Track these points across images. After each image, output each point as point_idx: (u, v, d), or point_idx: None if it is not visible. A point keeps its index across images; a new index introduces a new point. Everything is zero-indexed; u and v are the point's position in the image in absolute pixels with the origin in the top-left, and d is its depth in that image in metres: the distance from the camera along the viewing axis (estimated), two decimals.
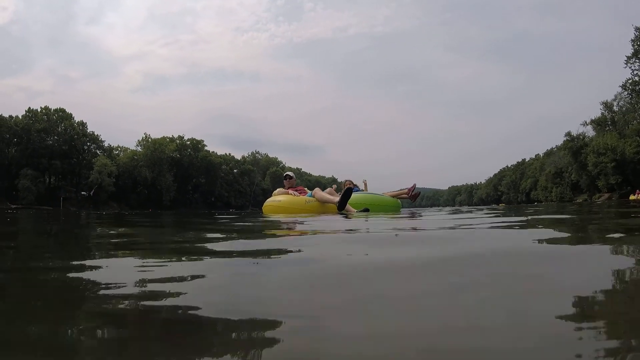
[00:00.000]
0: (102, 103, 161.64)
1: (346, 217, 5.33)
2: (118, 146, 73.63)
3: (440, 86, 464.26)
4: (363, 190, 9.30)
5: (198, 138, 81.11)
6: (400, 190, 9.64)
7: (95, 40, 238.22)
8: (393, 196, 9.12)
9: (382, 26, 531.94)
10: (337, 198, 6.88)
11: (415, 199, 9.72)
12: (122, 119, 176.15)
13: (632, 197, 36.04)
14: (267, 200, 8.31)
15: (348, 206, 6.88)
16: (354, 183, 9.15)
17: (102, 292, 1.05)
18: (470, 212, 6.44)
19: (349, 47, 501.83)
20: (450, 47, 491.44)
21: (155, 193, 68.98)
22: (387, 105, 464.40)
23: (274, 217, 6.14)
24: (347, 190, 6.67)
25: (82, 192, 61.10)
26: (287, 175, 8.59)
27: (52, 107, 62.21)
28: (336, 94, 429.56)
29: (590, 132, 64.85)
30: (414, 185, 9.66)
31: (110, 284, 1.11)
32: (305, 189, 8.27)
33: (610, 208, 7.90)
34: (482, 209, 9.66)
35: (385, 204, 8.36)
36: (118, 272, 1.33)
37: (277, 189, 8.43)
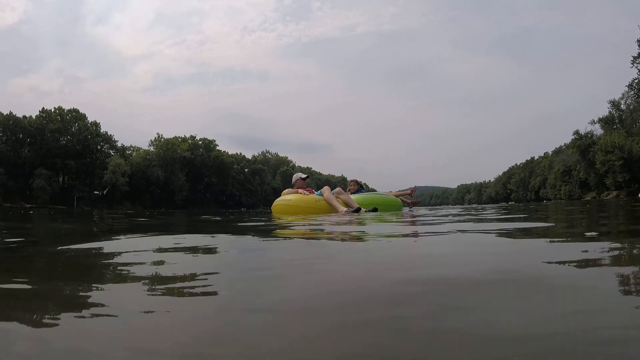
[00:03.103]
0: (110, 103, 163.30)
1: (358, 216, 5.48)
2: (131, 146, 74.16)
3: (449, 83, 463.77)
4: (374, 191, 9.87)
5: (209, 138, 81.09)
6: (403, 190, 10.26)
7: (103, 41, 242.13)
8: (396, 196, 9.57)
9: (390, 24, 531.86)
10: (342, 207, 7.02)
11: (413, 206, 10.63)
12: (130, 119, 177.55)
13: None
14: (277, 200, 8.04)
15: (357, 205, 7.03)
16: (360, 184, 9.41)
17: None
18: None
19: (357, 45, 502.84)
20: (458, 44, 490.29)
21: (168, 192, 68.92)
22: (395, 103, 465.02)
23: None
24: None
25: (95, 192, 61.03)
26: (308, 176, 8.59)
27: (62, 106, 62.54)
28: (345, 93, 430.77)
29: (598, 130, 65.24)
30: (415, 187, 10.35)
31: None
32: (313, 190, 8.18)
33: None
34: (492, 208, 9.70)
35: (388, 203, 8.47)
36: None
37: (286, 189, 8.33)
